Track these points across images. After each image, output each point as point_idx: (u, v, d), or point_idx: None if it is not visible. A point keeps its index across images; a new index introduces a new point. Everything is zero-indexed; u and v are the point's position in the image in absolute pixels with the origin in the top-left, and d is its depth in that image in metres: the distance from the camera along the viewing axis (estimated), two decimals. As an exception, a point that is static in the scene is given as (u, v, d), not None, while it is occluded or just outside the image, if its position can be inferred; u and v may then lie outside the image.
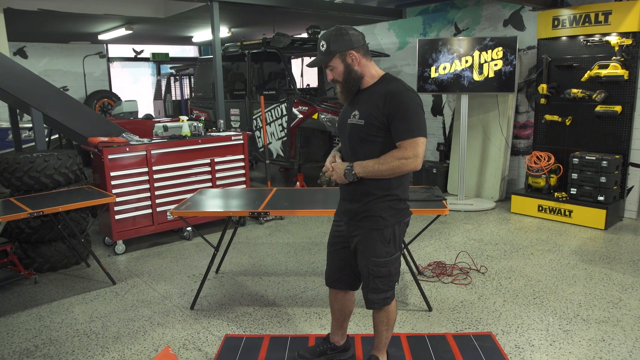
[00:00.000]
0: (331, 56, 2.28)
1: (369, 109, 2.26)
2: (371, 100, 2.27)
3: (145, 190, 4.83)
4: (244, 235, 5.20)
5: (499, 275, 3.95)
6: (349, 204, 2.40)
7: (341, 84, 2.35)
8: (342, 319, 2.71)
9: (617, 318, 3.21)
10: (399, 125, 2.20)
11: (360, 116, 2.28)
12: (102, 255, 4.72)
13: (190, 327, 3.28)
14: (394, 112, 2.20)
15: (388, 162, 2.20)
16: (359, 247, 2.38)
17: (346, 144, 2.39)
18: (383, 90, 2.26)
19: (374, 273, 2.35)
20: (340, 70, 2.30)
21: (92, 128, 5.16)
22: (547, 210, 5.49)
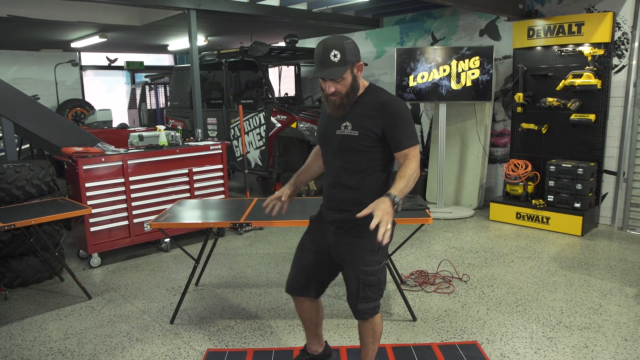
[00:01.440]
0: (346, 67, 2.16)
1: (363, 121, 2.22)
2: (365, 112, 2.23)
3: (121, 202, 4.71)
4: (223, 246, 5.11)
5: (481, 284, 3.97)
6: (337, 214, 2.34)
7: (342, 97, 2.21)
8: (314, 327, 2.63)
9: (599, 324, 3.24)
10: (400, 136, 2.19)
11: (353, 127, 2.22)
12: (76, 268, 4.57)
13: (171, 342, 3.18)
14: (392, 123, 2.19)
15: (411, 179, 2.14)
16: (347, 257, 2.33)
17: (333, 155, 2.33)
18: (375, 102, 2.23)
19: (364, 282, 2.30)
20: (348, 82, 2.19)
21: (66, 138, 5.01)
22: (525, 217, 5.55)
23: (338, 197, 2.33)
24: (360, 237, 2.29)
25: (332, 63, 2.14)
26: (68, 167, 4.63)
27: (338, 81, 2.17)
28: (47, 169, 4.28)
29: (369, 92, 2.28)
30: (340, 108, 2.23)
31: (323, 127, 2.38)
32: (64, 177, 4.94)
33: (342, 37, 2.19)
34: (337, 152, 2.29)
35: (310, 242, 2.47)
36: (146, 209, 4.84)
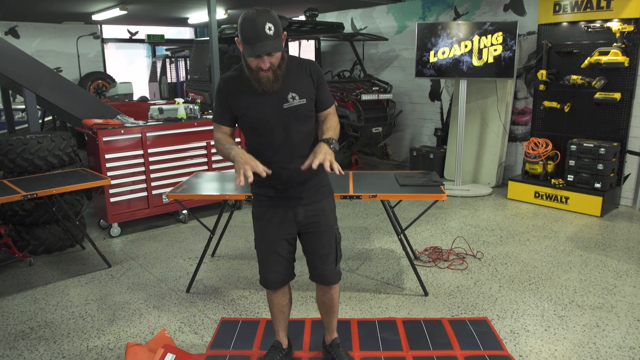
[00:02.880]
0: (280, 39, 2.06)
1: (304, 86, 2.20)
2: (299, 78, 2.21)
3: (140, 173, 4.79)
4: (239, 219, 5.18)
5: (495, 261, 3.96)
6: (300, 186, 2.27)
7: (275, 70, 2.10)
8: (289, 310, 2.58)
9: (612, 304, 3.22)
10: (325, 93, 2.27)
11: (300, 96, 2.18)
12: (97, 238, 4.69)
13: (186, 310, 3.27)
14: (320, 82, 2.24)
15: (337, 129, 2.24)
16: (322, 222, 2.33)
17: (281, 131, 2.19)
18: (301, 66, 2.23)
19: (338, 239, 2.41)
20: (279, 55, 2.10)
21: (86, 110, 5.10)
22: (544, 196, 5.48)
23: (294, 169, 2.21)
24: (328, 198, 2.37)
25: (268, 37, 2.01)
26: (88, 139, 4.71)
27: (272, 55, 2.06)
28: (68, 140, 4.36)
29: (289, 59, 2.22)
30: (275, 82, 2.12)
31: (259, 110, 2.19)
32: (85, 148, 5.04)
33: (265, 9, 2.05)
34: (287, 126, 2.19)
35: (277, 233, 2.34)
36: (164, 181, 4.92)
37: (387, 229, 4.76)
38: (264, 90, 2.13)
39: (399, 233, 3.46)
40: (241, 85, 2.20)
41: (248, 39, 2.02)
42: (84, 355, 2.78)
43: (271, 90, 2.14)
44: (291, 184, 2.27)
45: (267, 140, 2.22)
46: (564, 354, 2.67)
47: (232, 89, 2.23)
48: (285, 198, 2.31)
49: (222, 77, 2.27)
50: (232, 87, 2.23)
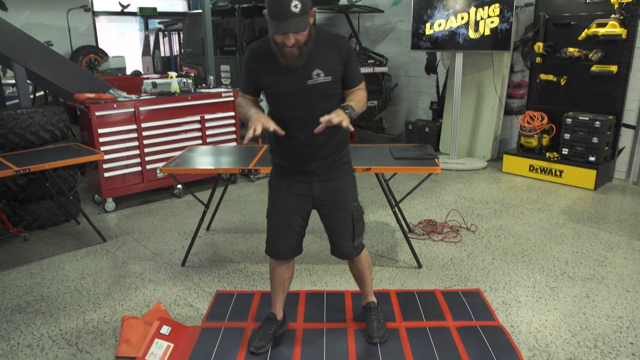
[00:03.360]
0: (307, 16, 2.04)
1: (330, 64, 2.17)
2: (327, 54, 2.17)
3: (134, 148, 4.76)
4: (234, 193, 5.18)
5: (488, 234, 3.99)
6: (318, 162, 2.28)
7: (301, 47, 2.08)
8: (287, 287, 2.60)
9: (602, 275, 3.26)
10: (354, 71, 2.25)
11: (325, 73, 2.16)
12: (92, 213, 4.69)
13: (182, 284, 3.29)
14: (349, 59, 2.21)
15: (363, 101, 2.25)
16: (339, 199, 2.35)
17: (304, 108, 2.18)
18: (330, 42, 2.19)
19: (357, 217, 2.39)
20: (306, 32, 2.07)
21: (78, 84, 5.04)
22: (538, 170, 5.50)
23: (315, 145, 2.24)
24: (347, 175, 2.36)
25: (293, 14, 1.97)
26: (81, 114, 4.67)
27: (299, 32, 2.03)
28: (60, 114, 4.32)
29: (318, 34, 2.19)
30: (300, 58, 2.10)
31: (283, 84, 2.18)
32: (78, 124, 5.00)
33: None
34: (310, 103, 2.18)
35: (291, 205, 2.36)
36: (158, 155, 4.90)
37: (381, 202, 4.78)
38: (288, 65, 2.12)
39: (393, 206, 3.48)
40: (267, 57, 2.17)
41: (273, 14, 1.99)
42: (80, 328, 2.81)
43: (295, 66, 2.12)
44: (311, 159, 2.28)
45: (289, 114, 2.21)
46: (554, 324, 2.71)
47: (258, 60, 2.22)
48: (303, 172, 2.32)
49: (249, 47, 2.25)
50: (258, 58, 2.21)
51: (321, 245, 3.82)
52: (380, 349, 2.51)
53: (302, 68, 2.14)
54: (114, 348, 2.61)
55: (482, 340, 2.55)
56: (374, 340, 2.53)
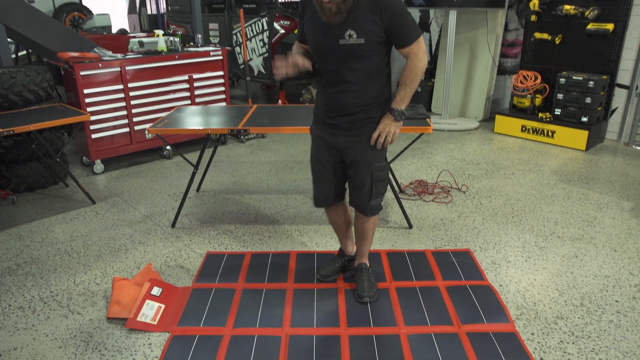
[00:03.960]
0: None
1: (366, 25, 2.10)
2: (365, 15, 2.09)
3: (121, 109, 4.67)
4: (224, 154, 5.13)
5: (479, 194, 3.99)
6: (344, 117, 2.30)
7: (339, 3, 2.05)
8: (347, 228, 2.74)
9: (591, 235, 3.29)
10: (401, 32, 2.13)
11: (358, 35, 2.10)
12: (80, 175, 4.64)
13: (172, 245, 3.29)
14: (394, 21, 2.09)
15: (413, 80, 2.22)
16: (360, 156, 2.35)
17: (335, 64, 2.19)
18: (372, 3, 2.08)
19: (377, 177, 2.38)
20: None
21: (62, 43, 4.89)
22: (530, 130, 5.47)
23: (344, 102, 2.26)
24: (370, 135, 2.33)
25: None
26: (65, 73, 4.54)
27: None
28: (43, 74, 4.20)
29: None
30: (337, 15, 2.08)
31: (319, 38, 2.20)
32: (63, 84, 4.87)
33: None
34: (341, 61, 2.18)
35: (323, 154, 2.44)
36: (146, 116, 4.82)
37: (373, 163, 4.75)
38: (326, 21, 2.11)
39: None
40: (312, 8, 2.20)
41: None
42: (71, 290, 2.81)
43: (332, 22, 2.11)
44: (339, 114, 2.31)
45: (323, 68, 2.28)
46: (542, 283, 2.75)
47: (304, 10, 2.28)
48: (332, 125, 2.36)
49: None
50: (305, 8, 2.26)
51: (311, 206, 3.81)
52: (370, 308, 2.53)
53: (338, 26, 2.12)
54: (105, 309, 2.62)
55: (471, 300, 2.58)
56: (364, 299, 2.56)
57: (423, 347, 2.25)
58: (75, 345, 2.34)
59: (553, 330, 2.35)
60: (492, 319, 2.42)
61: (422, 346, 2.25)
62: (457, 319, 2.43)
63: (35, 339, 2.40)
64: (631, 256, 3.02)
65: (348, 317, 2.48)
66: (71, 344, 2.35)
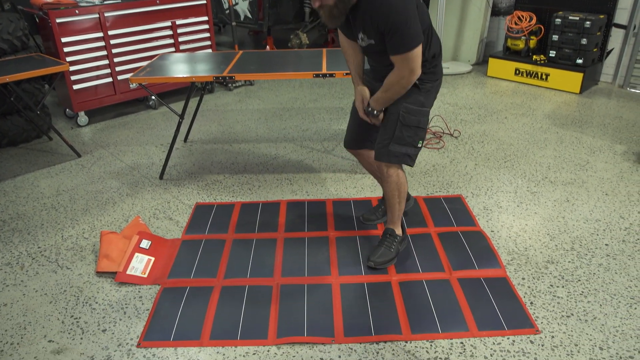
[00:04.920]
0: None
1: (372, 28, 2.02)
2: (369, 19, 2.00)
3: (102, 58, 4.49)
4: (212, 103, 5.00)
5: (471, 139, 3.94)
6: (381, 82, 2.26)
7: (331, 8, 1.99)
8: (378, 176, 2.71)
9: (583, 180, 3.27)
10: (391, 40, 2.00)
11: (369, 37, 2.08)
12: (64, 128, 4.52)
13: (160, 197, 3.24)
14: (387, 29, 1.96)
15: (392, 89, 2.15)
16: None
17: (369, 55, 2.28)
18: (373, 7, 1.96)
19: (403, 120, 2.21)
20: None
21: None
22: (524, 73, 5.36)
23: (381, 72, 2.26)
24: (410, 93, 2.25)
25: None
26: (40, 21, 4.33)
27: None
28: (17, 22, 3.99)
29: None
30: (331, 19, 2.03)
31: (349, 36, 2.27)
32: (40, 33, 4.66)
33: None
34: (369, 55, 2.27)
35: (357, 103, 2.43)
36: (130, 65, 4.65)
37: (364, 110, 4.66)
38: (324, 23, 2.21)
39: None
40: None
41: None
42: (59, 244, 2.77)
43: (330, 26, 2.14)
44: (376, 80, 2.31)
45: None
46: (533, 228, 2.74)
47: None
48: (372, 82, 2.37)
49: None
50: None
51: (302, 154, 3.75)
52: (361, 257, 2.53)
53: (353, 26, 2.13)
54: (94, 263, 2.59)
55: (463, 246, 2.57)
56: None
57: (414, 294, 2.25)
58: (66, 300, 2.33)
59: (543, 275, 2.36)
60: (483, 265, 2.42)
61: (413, 293, 2.26)
62: (448, 265, 2.43)
63: (25, 294, 2.38)
64: (622, 200, 3.01)
65: (339, 265, 2.47)
66: (61, 299, 2.34)
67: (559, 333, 2.01)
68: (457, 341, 1.99)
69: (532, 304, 2.17)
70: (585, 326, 2.04)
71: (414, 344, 1.99)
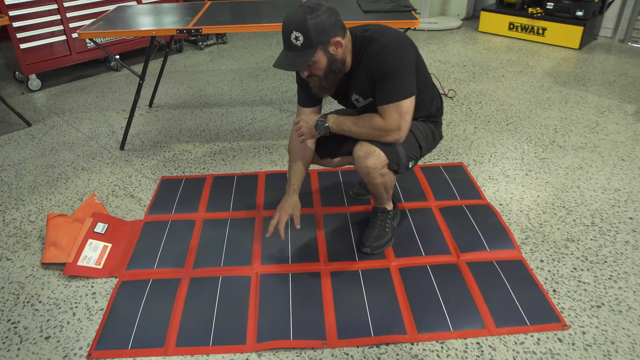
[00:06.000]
0: (313, 50, 1.68)
1: (366, 87, 1.82)
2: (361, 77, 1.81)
3: (53, 12, 3.96)
4: (180, 63, 4.53)
5: (468, 100, 3.58)
6: None
7: (320, 79, 1.79)
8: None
9: (594, 143, 2.95)
10: (384, 87, 1.75)
11: (366, 96, 1.86)
12: (13, 93, 4.02)
13: (121, 171, 2.82)
14: (380, 77, 1.74)
15: (365, 127, 1.81)
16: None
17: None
18: (363, 60, 1.77)
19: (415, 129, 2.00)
20: (322, 65, 1.73)
21: None
22: (519, 28, 4.97)
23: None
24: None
25: (294, 47, 1.68)
26: (-23, -33, 3.76)
27: (309, 65, 1.72)
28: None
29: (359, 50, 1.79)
30: (321, 90, 1.83)
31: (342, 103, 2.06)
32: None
33: (307, 8, 1.64)
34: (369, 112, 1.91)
35: None
36: (86, 21, 4.12)
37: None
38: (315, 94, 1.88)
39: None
40: None
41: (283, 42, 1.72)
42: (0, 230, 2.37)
43: (322, 96, 1.91)
44: None
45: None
46: (546, 200, 2.42)
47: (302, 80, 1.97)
48: None
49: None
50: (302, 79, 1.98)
51: (281, 118, 3.35)
52: (353, 238, 2.18)
53: (344, 93, 1.93)
54: (39, 253, 2.20)
55: (470, 222, 2.24)
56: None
57: (418, 282, 1.93)
58: (3, 300, 1.94)
59: (564, 256, 2.05)
60: (495, 245, 2.10)
61: (416, 281, 1.93)
62: (455, 247, 2.11)
63: (-46, 292, 2.00)
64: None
65: (329, 250, 2.13)
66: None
67: (591, 328, 1.71)
68: (472, 341, 1.67)
69: (555, 292, 1.87)
70: (620, 319, 1.74)
71: (422, 346, 1.67)
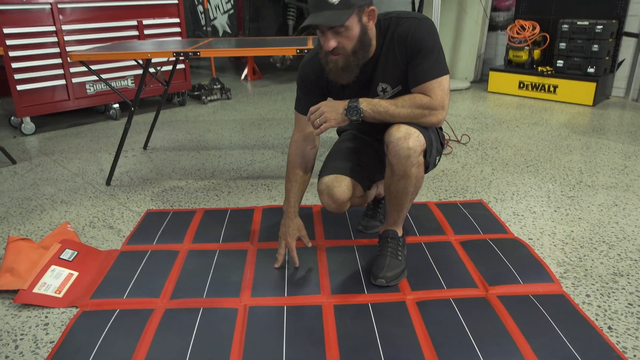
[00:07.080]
0: (351, 11, 1.49)
1: (397, 72, 1.63)
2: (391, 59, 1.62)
3: (55, 56, 3.88)
4: (182, 114, 4.39)
5: (483, 146, 3.36)
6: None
7: (347, 55, 1.56)
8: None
9: (626, 183, 2.68)
10: (424, 64, 1.58)
11: (393, 85, 1.67)
12: (5, 137, 3.85)
13: (103, 204, 2.55)
14: (415, 53, 1.58)
15: (406, 107, 1.59)
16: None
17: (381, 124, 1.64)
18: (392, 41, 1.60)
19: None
20: (354, 34, 1.54)
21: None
22: (529, 87, 4.87)
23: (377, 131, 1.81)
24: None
25: (329, 5, 1.48)
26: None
27: (340, 32, 1.51)
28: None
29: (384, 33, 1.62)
30: (344, 72, 1.59)
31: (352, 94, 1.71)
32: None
33: None
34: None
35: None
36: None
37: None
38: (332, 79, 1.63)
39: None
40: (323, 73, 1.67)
41: (310, 3, 1.53)
42: (-45, 258, 2.06)
43: (339, 82, 1.63)
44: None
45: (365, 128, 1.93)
46: (582, 235, 2.11)
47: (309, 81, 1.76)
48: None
49: (301, 64, 1.78)
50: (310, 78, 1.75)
51: (283, 159, 3.12)
52: (361, 269, 1.86)
53: (365, 84, 1.69)
54: (-7, 280, 1.88)
55: (496, 255, 1.93)
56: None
57: (440, 316, 1.59)
58: (-64, 329, 1.61)
59: (614, 291, 1.72)
60: (529, 279, 1.77)
61: (438, 314, 1.59)
62: (481, 280, 1.78)
63: None
64: (682, 204, 2.41)
65: (332, 280, 1.80)
66: None
67: (664, 371, 1.35)
68: (514, 384, 1.31)
69: (611, 330, 1.52)
70: (698, 360, 1.39)
71: (450, 389, 1.31)
